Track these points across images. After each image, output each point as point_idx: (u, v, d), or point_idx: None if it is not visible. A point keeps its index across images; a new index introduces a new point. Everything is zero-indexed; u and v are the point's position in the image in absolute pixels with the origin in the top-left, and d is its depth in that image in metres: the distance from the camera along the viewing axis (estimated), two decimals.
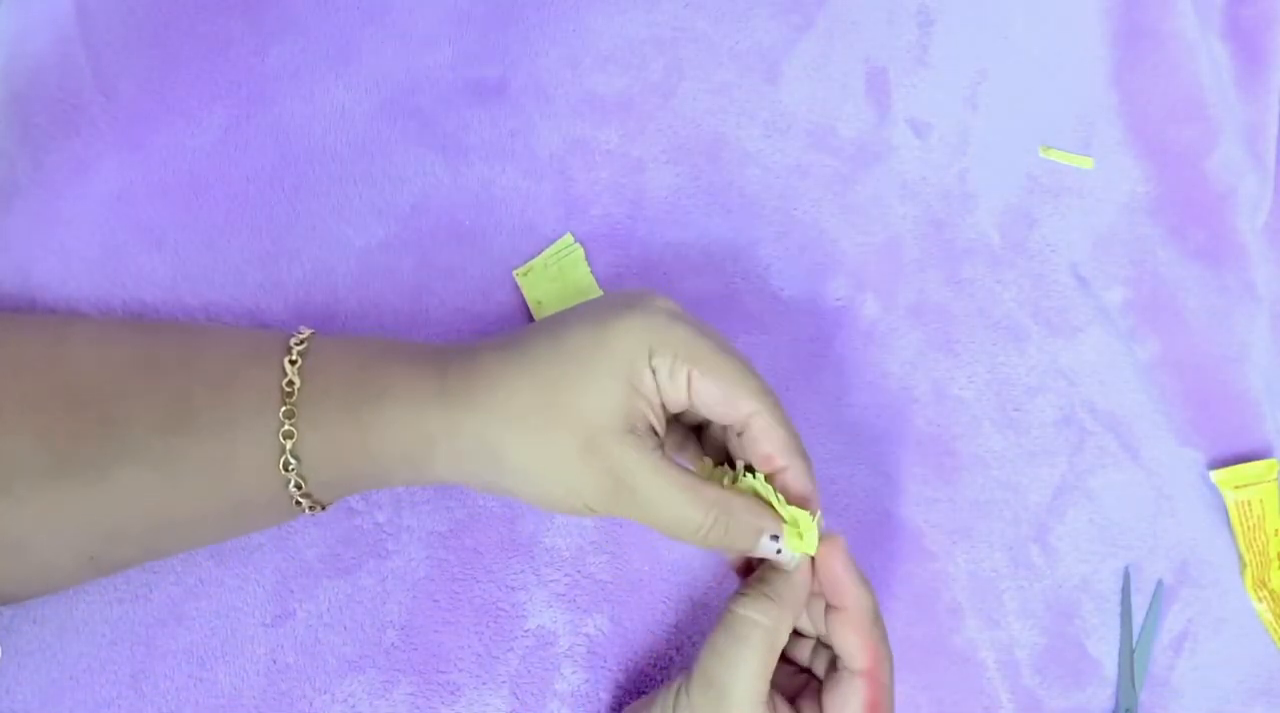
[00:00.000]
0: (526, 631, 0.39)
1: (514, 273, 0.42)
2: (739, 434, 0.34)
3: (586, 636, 0.39)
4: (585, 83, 0.45)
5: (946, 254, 0.47)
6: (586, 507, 0.32)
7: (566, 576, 0.40)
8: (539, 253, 0.43)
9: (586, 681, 0.39)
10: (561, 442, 0.31)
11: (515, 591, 0.39)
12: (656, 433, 0.32)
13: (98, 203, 0.39)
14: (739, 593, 0.33)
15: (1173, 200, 0.50)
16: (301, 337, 0.34)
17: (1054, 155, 0.49)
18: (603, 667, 0.39)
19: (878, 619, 0.33)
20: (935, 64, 0.49)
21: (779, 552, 0.33)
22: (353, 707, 0.37)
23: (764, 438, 0.33)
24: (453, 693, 0.38)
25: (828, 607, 0.34)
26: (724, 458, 0.36)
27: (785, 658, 0.36)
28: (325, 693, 0.37)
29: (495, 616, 0.39)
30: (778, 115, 0.47)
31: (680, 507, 0.31)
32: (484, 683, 0.38)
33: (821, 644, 0.36)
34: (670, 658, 0.40)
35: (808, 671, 0.36)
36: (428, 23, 0.44)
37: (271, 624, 0.37)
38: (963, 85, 0.49)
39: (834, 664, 0.34)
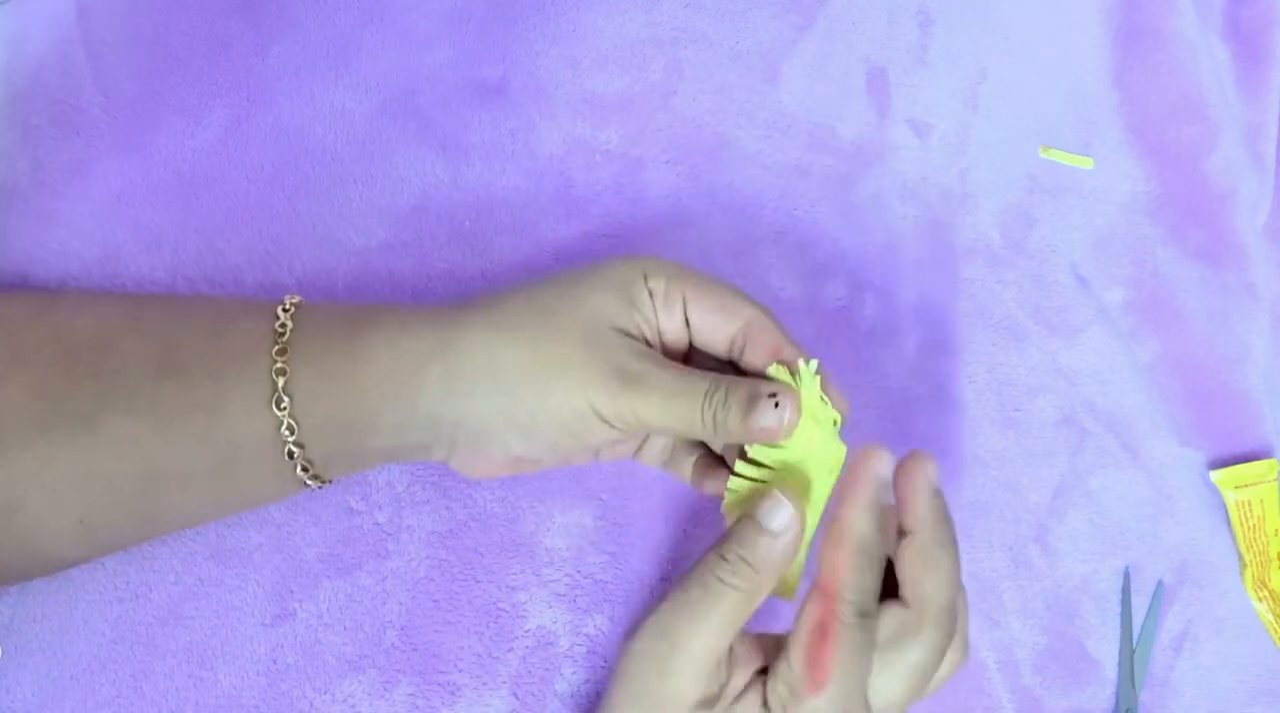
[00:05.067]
0: (526, 631, 0.39)
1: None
2: (740, 353, 0.34)
3: (586, 636, 0.39)
4: (585, 83, 0.45)
5: (946, 254, 0.47)
6: (592, 408, 0.31)
7: (566, 576, 0.40)
8: (541, 254, 0.43)
9: (586, 681, 0.39)
10: (561, 343, 0.31)
11: (515, 591, 0.39)
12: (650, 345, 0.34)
13: (97, 203, 0.39)
14: (718, 554, 0.31)
15: (1173, 200, 0.50)
16: (294, 297, 0.35)
17: (1054, 155, 0.49)
18: (603, 667, 0.39)
19: (870, 544, 0.31)
20: (935, 64, 0.49)
21: (777, 405, 0.31)
22: (353, 707, 0.37)
23: (764, 337, 0.33)
24: (453, 693, 0.38)
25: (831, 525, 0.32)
26: None
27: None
28: (325, 693, 0.37)
29: (495, 616, 0.39)
30: (778, 115, 0.47)
31: (685, 384, 0.31)
32: (484, 683, 0.38)
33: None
34: None
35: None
36: (428, 23, 0.44)
37: (271, 624, 0.37)
38: (963, 85, 0.49)
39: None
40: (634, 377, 0.31)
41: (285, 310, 0.33)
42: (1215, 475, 0.47)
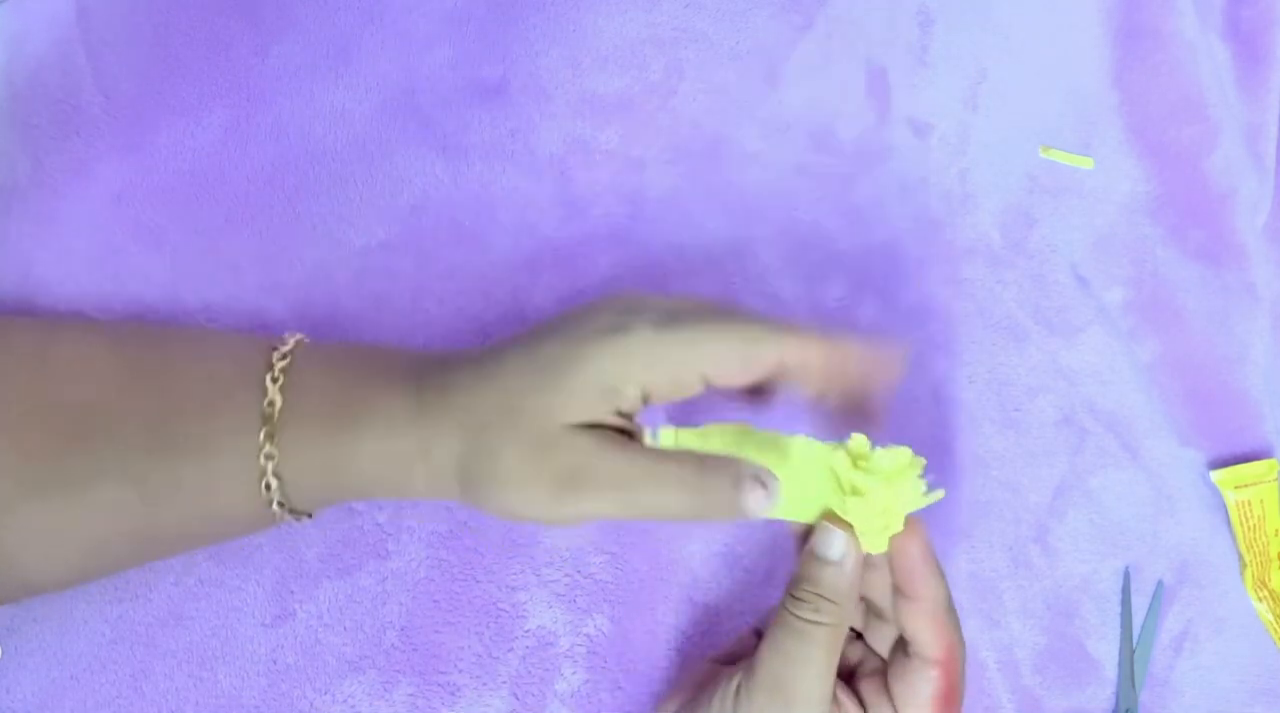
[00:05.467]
0: (526, 631, 0.39)
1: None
2: (781, 381, 0.32)
3: (586, 636, 0.39)
4: (585, 83, 0.45)
5: (946, 254, 0.47)
6: (540, 516, 0.31)
7: (566, 576, 0.40)
8: (541, 254, 0.43)
9: (586, 681, 0.39)
10: (515, 449, 0.30)
11: (515, 591, 0.39)
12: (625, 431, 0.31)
13: (97, 203, 0.39)
14: (793, 596, 0.32)
15: (1173, 200, 0.50)
16: (284, 351, 0.33)
17: (1054, 155, 0.49)
18: (603, 667, 0.39)
19: (951, 609, 0.33)
20: (935, 64, 0.49)
21: (767, 495, 0.30)
22: (353, 707, 0.37)
23: (815, 365, 0.31)
24: (453, 694, 0.38)
25: (897, 591, 0.33)
26: None
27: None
28: (325, 694, 0.37)
29: (495, 616, 0.39)
30: (778, 115, 0.47)
31: (642, 483, 0.29)
32: (484, 684, 0.38)
33: (882, 619, 0.35)
34: (670, 658, 0.40)
35: (863, 641, 0.35)
36: (428, 23, 0.44)
37: (271, 625, 0.37)
38: (963, 85, 0.49)
39: (902, 647, 0.33)
40: (579, 479, 0.29)
41: (274, 379, 0.32)
42: (1215, 475, 0.47)
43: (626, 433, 0.31)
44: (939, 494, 0.32)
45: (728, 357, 0.30)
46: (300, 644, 0.37)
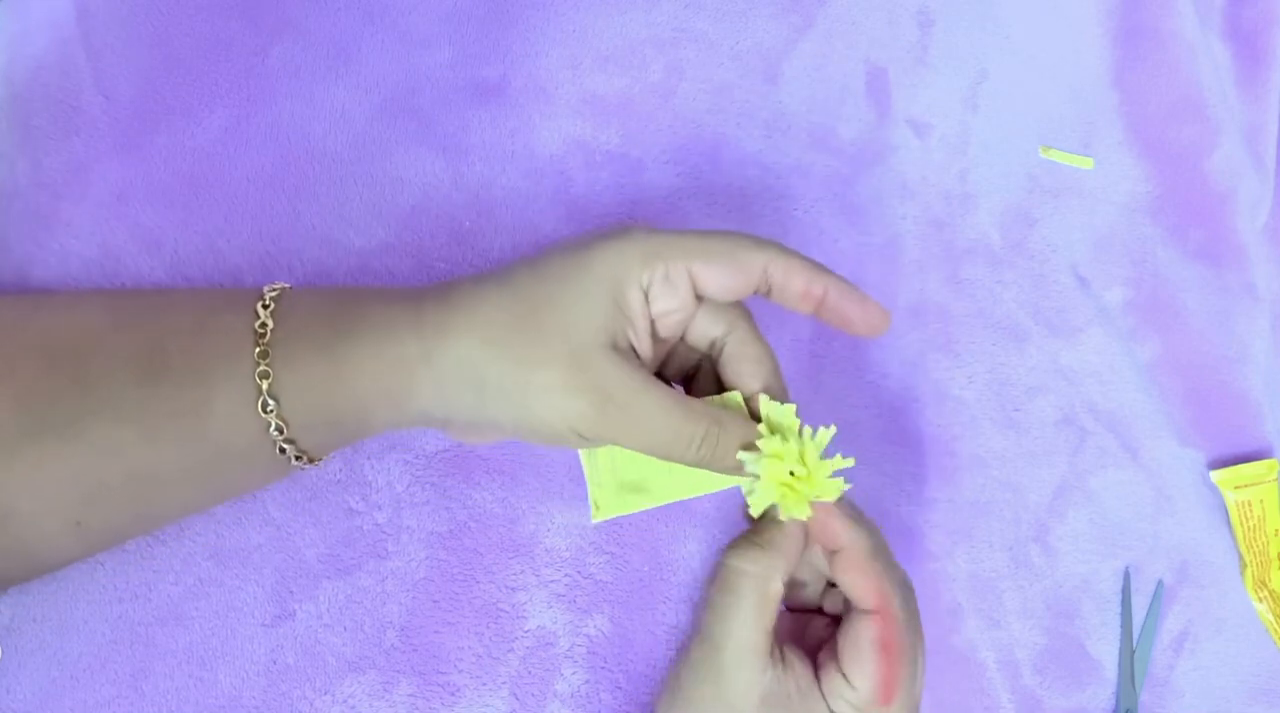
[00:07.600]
0: (526, 631, 0.39)
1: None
2: (767, 294, 0.33)
3: (586, 636, 0.39)
4: (585, 83, 0.45)
5: (946, 254, 0.47)
6: (573, 430, 0.31)
7: (566, 576, 0.40)
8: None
9: (586, 681, 0.39)
10: (545, 362, 0.30)
11: (515, 591, 0.39)
12: (638, 355, 0.32)
13: (97, 204, 0.39)
14: (729, 545, 0.33)
15: (1173, 200, 0.50)
16: (274, 287, 0.34)
17: (1054, 155, 0.49)
18: (603, 667, 0.39)
19: (880, 553, 0.33)
20: (935, 64, 0.49)
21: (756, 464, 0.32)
22: (353, 708, 0.37)
23: (791, 280, 0.32)
24: (453, 694, 0.38)
25: (825, 549, 0.33)
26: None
27: (809, 610, 0.36)
28: (325, 694, 0.37)
29: (495, 616, 0.39)
30: (778, 115, 0.47)
31: (674, 419, 0.31)
32: (484, 684, 0.38)
33: (833, 587, 0.35)
34: (670, 658, 0.40)
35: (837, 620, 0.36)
36: (428, 23, 0.44)
37: (271, 625, 0.37)
38: (963, 85, 0.49)
39: (848, 607, 0.34)
40: (620, 405, 0.30)
41: (265, 306, 0.33)
42: (1215, 475, 0.47)
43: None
44: (849, 461, 0.32)
45: (717, 255, 0.32)
46: (300, 644, 0.37)
